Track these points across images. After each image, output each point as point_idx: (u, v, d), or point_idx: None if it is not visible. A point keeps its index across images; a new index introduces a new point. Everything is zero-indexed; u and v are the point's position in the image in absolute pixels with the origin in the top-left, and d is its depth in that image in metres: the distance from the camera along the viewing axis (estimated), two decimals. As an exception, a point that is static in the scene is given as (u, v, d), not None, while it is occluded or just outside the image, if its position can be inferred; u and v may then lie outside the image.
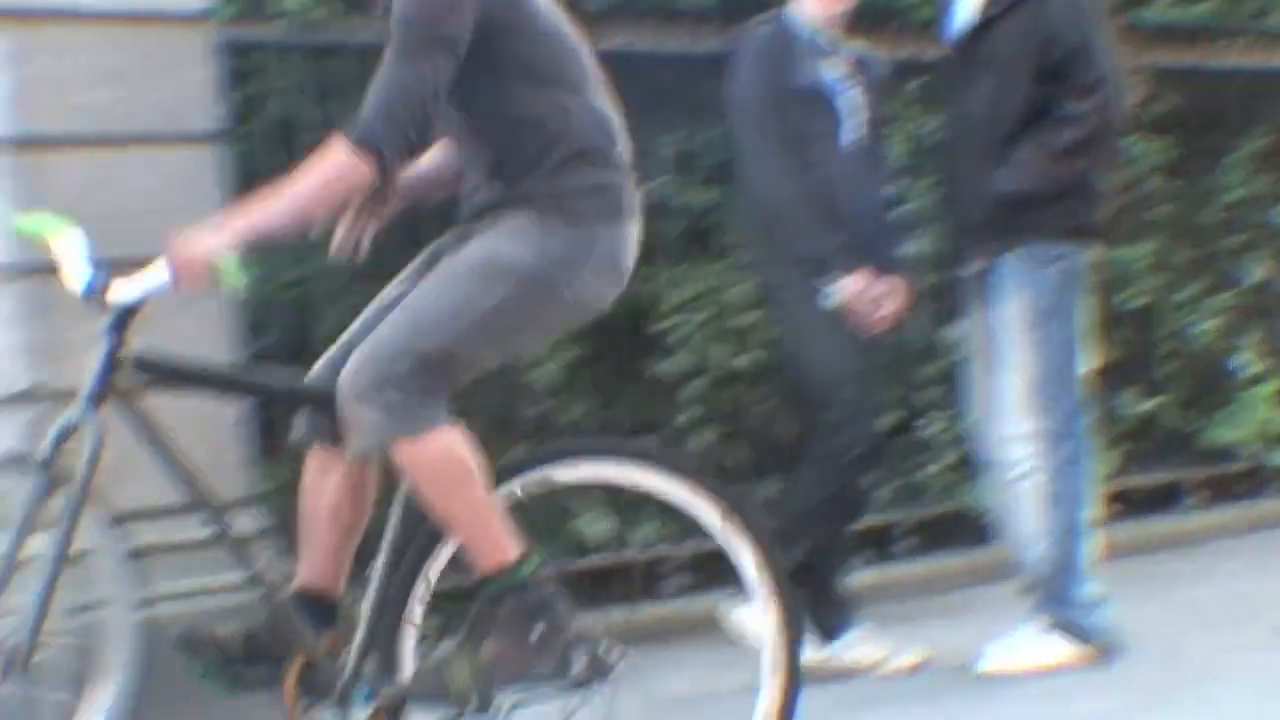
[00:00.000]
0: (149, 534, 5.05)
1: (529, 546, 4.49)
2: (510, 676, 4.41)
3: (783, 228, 7.10)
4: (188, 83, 7.26)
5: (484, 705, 4.42)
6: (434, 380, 4.35)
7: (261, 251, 4.61)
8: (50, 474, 4.25)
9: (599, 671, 4.61)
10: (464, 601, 4.55)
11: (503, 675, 4.40)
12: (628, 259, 4.64)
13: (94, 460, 4.26)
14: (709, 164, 8.78)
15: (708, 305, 8.67)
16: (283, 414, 5.74)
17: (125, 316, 4.32)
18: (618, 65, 6.24)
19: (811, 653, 6.41)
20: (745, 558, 4.76)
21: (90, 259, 4.41)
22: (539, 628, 4.44)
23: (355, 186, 4.32)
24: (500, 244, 4.45)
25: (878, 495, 8.25)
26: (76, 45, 6.94)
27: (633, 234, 4.64)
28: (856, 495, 7.31)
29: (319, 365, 4.69)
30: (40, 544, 4.22)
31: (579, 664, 4.56)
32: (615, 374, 8.50)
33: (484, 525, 4.45)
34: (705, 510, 4.76)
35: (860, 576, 7.87)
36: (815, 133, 7.06)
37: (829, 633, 7.01)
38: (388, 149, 4.24)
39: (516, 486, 4.71)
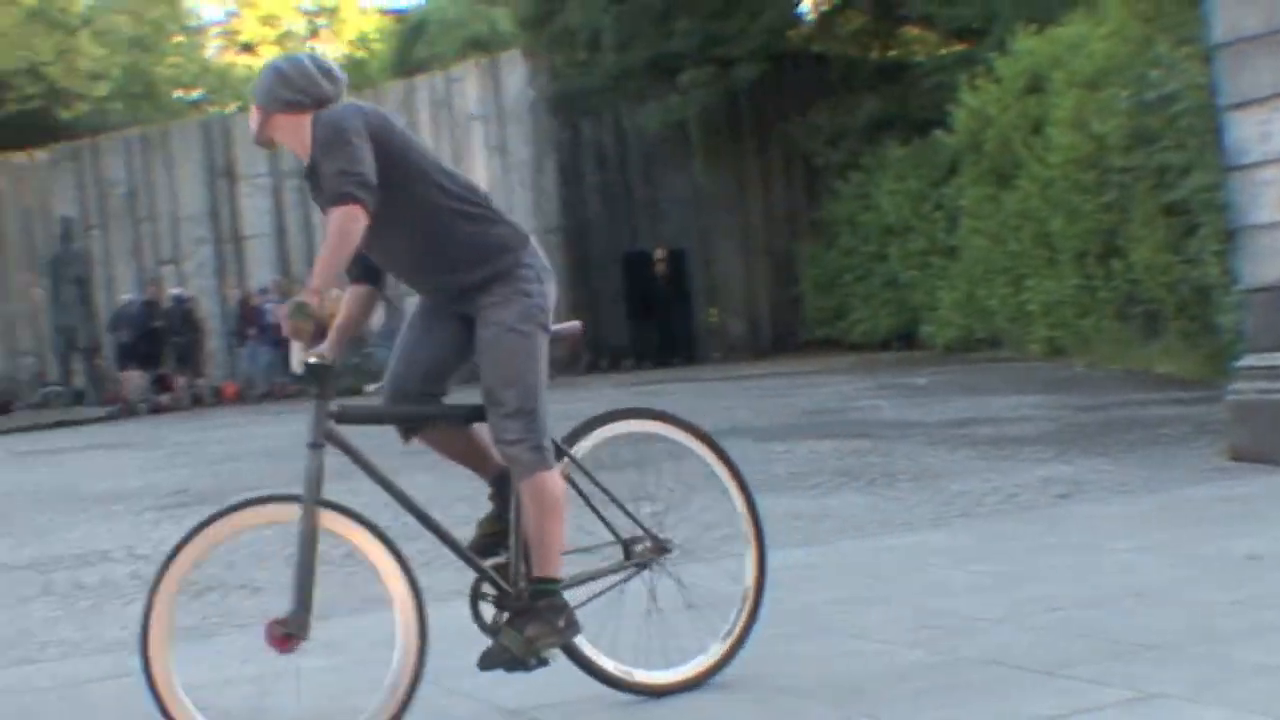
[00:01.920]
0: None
1: (562, 572, 5.37)
2: (546, 646, 5.28)
3: None
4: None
5: (540, 662, 5.29)
6: (544, 417, 5.35)
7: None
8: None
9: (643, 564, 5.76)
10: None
11: (542, 646, 5.26)
12: (546, 263, 5.50)
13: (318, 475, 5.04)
14: None
15: None
16: None
17: (321, 377, 5.13)
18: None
19: None
20: (731, 491, 5.92)
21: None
22: (562, 620, 5.31)
23: (360, 227, 5.03)
24: (501, 316, 5.32)
25: None
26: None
27: (537, 249, 5.48)
28: None
29: (386, 383, 5.62)
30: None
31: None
32: None
33: (553, 546, 5.34)
34: (702, 450, 5.95)
35: None
36: None
37: None
38: (367, 192, 5.04)
39: (588, 443, 5.74)
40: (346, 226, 5.04)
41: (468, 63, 34.05)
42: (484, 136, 32.17)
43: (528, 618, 5.33)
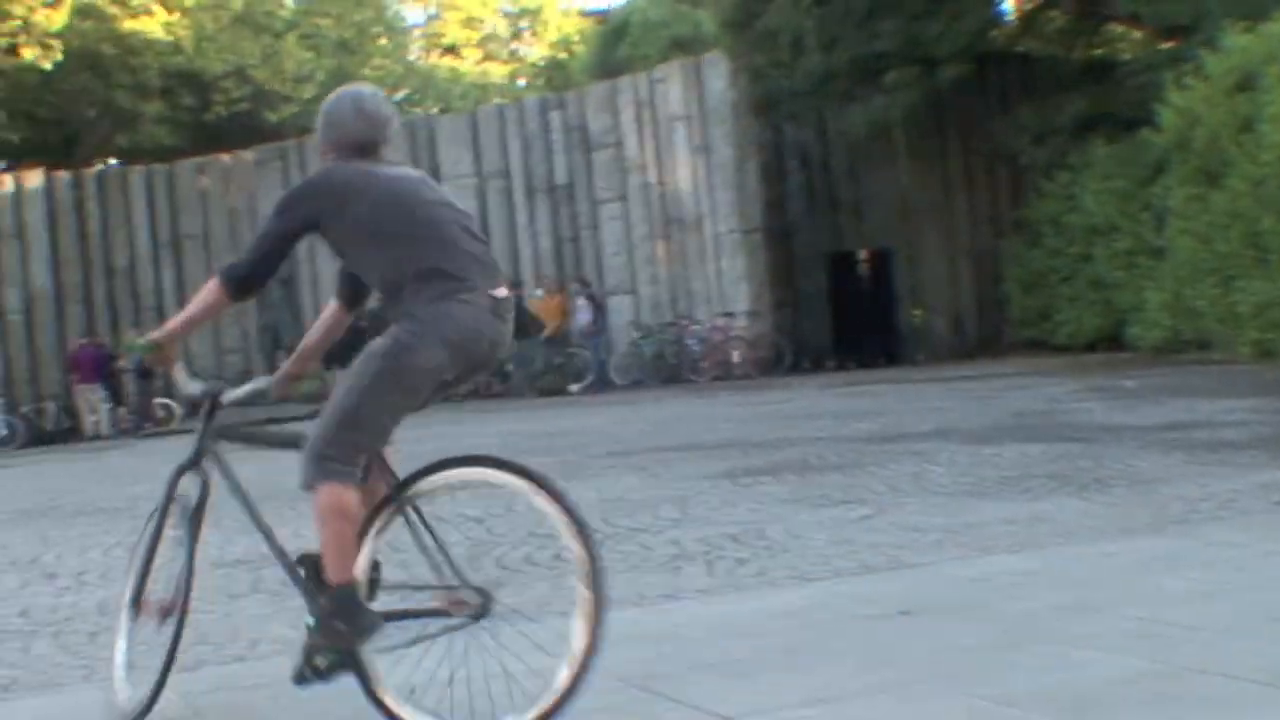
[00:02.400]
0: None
1: (355, 580, 5.38)
2: (320, 653, 5.42)
3: None
4: None
5: (315, 672, 5.46)
6: (345, 443, 5.38)
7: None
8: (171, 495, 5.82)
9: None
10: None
11: (315, 655, 5.43)
12: (462, 332, 5.40)
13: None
14: None
15: None
16: None
17: (210, 403, 5.87)
18: None
19: None
20: (565, 537, 5.22)
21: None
22: (342, 622, 5.32)
23: (219, 305, 5.62)
24: (373, 344, 5.41)
25: None
26: None
27: (468, 316, 5.42)
28: None
29: None
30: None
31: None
32: None
33: (332, 554, 5.40)
34: (527, 491, 5.29)
35: None
36: None
37: None
38: (235, 283, 5.53)
39: (413, 492, 5.53)
40: (208, 298, 5.64)
41: (671, 63, 34.13)
42: (687, 137, 32.25)
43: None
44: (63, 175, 37.52)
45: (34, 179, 36.92)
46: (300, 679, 5.49)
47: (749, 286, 31.56)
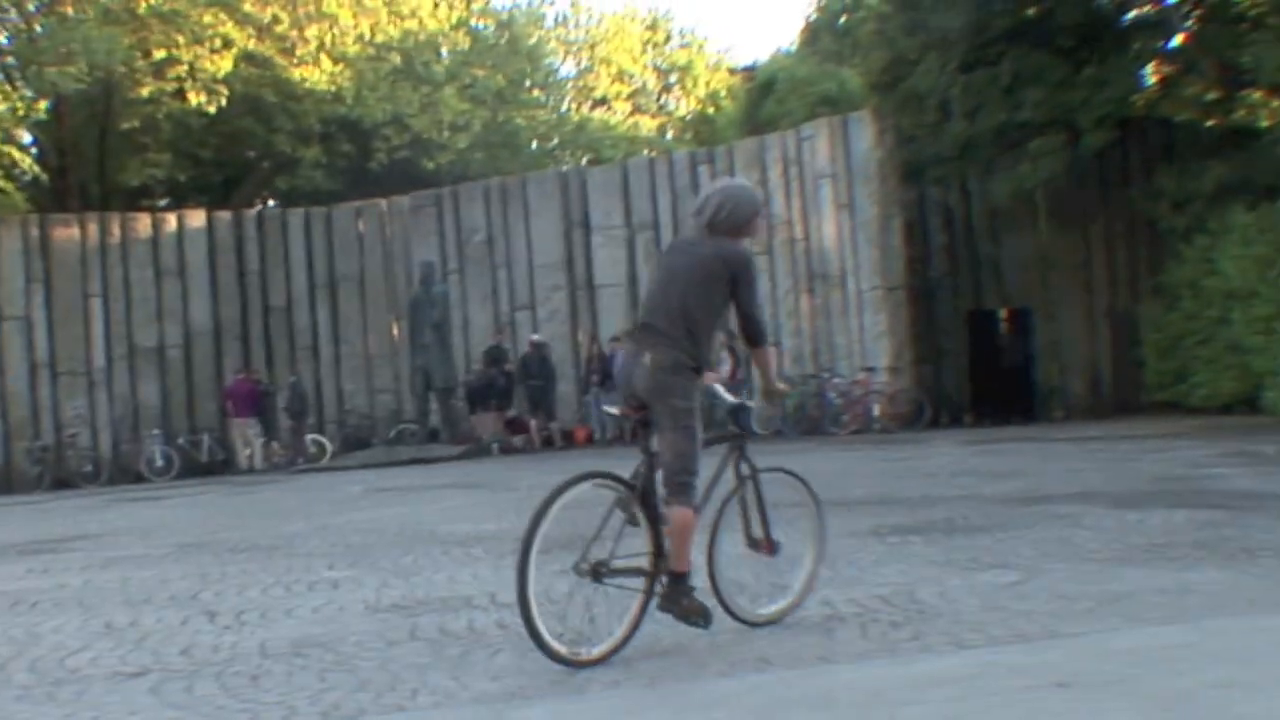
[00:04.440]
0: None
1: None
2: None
3: None
4: None
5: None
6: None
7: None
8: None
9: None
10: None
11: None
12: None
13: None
14: None
15: None
16: None
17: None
18: None
19: None
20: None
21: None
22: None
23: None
24: None
25: None
26: None
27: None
28: None
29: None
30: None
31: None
32: None
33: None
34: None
35: None
36: None
37: None
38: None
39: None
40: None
41: (818, 121, 34.02)
42: (832, 194, 32.12)
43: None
44: (224, 215, 38.05)
45: (196, 218, 37.47)
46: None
47: (890, 342, 31.33)
